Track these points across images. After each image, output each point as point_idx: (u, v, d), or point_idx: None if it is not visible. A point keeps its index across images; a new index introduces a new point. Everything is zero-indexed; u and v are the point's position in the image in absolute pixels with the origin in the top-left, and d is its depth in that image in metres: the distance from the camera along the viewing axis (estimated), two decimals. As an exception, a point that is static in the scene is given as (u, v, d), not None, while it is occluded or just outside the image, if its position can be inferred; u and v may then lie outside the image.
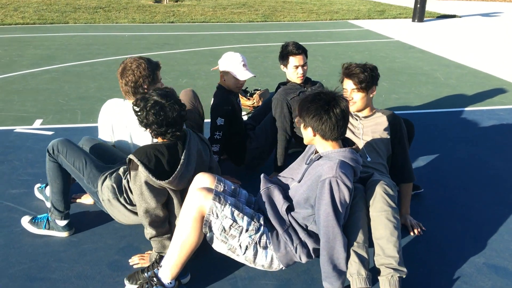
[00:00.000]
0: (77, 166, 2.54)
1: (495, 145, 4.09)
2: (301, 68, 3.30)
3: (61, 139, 2.61)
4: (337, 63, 7.31)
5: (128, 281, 2.30)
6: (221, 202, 2.10)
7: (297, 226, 2.18)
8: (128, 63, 2.63)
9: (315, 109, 2.09)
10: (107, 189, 2.47)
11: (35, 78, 6.13)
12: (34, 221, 2.73)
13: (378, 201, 2.19)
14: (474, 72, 6.77)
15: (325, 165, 2.06)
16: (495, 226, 2.85)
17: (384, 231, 2.16)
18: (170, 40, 9.11)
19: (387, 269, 2.14)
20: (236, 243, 2.14)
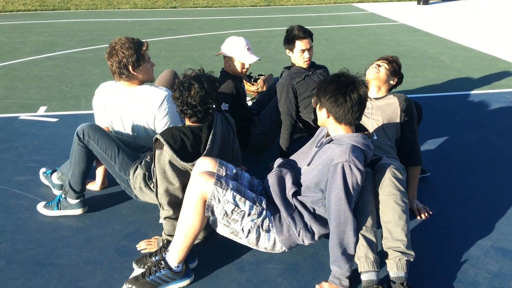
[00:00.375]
0: (109, 154, 2.59)
1: (502, 128, 4.05)
2: (308, 52, 3.26)
3: (90, 125, 2.64)
4: (342, 47, 7.23)
5: (136, 264, 2.33)
6: (223, 186, 2.10)
7: (303, 210, 2.18)
8: (113, 44, 2.64)
9: (332, 91, 2.07)
10: (139, 177, 2.54)
11: (38, 65, 6.11)
12: (48, 204, 2.79)
13: (386, 185, 2.18)
14: (481, 55, 6.69)
15: (337, 149, 2.05)
16: (502, 209, 2.84)
17: (392, 214, 2.16)
18: (172, 25, 9.03)
19: (395, 252, 2.14)
20: (238, 227, 2.14)
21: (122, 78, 2.67)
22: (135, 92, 2.70)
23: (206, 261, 2.39)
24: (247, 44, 3.18)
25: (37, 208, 2.82)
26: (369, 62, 6.31)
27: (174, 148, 2.28)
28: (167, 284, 2.18)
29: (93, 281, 2.23)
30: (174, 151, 2.28)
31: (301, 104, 3.29)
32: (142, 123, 2.71)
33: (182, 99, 2.32)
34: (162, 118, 2.68)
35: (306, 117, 3.31)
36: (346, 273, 2.11)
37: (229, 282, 2.24)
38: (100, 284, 2.21)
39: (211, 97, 2.35)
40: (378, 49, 7.09)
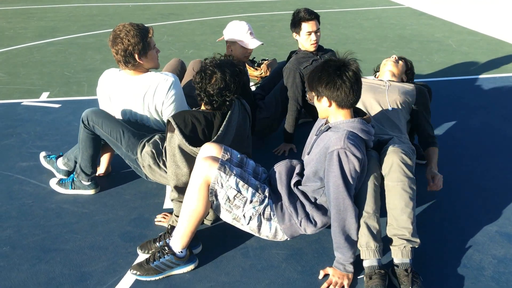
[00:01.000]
0: (114, 136, 2.59)
1: (508, 112, 4.01)
2: (314, 34, 3.21)
3: (94, 110, 2.64)
4: (346, 31, 7.15)
5: (140, 250, 2.33)
6: (227, 172, 2.09)
7: (305, 200, 2.17)
8: (117, 31, 2.56)
9: (327, 76, 2.04)
10: (147, 155, 2.53)
11: (40, 50, 6.07)
12: (62, 182, 2.85)
13: (394, 171, 2.14)
14: (487, 39, 6.60)
15: (333, 136, 2.02)
16: (508, 194, 2.82)
17: (399, 201, 2.12)
18: (175, 10, 8.94)
19: (399, 239, 2.13)
20: (240, 213, 2.14)
21: (128, 66, 2.62)
22: (141, 80, 2.64)
23: (210, 246, 2.39)
24: (250, 29, 3.14)
25: (50, 184, 2.88)
26: (375, 46, 6.24)
27: (184, 133, 2.28)
28: (171, 269, 2.18)
29: (98, 267, 2.24)
30: (183, 135, 2.28)
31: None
32: (150, 110, 2.67)
33: (201, 85, 2.31)
34: (169, 104, 2.65)
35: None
36: (349, 259, 2.10)
37: (233, 268, 2.24)
38: (105, 270, 2.22)
39: (230, 91, 2.32)
40: (383, 33, 7.01)
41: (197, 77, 2.33)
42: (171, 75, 2.66)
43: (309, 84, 2.14)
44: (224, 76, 2.30)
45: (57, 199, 2.78)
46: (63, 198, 2.80)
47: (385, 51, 5.98)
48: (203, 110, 2.40)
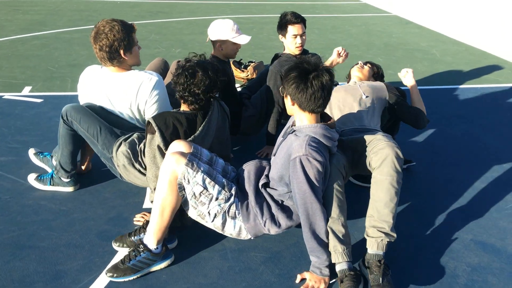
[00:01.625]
0: (91, 133, 2.56)
1: (489, 123, 4.09)
2: (300, 38, 3.23)
3: (74, 105, 2.61)
4: (334, 36, 7.20)
5: (115, 243, 2.33)
6: (194, 168, 2.09)
7: (271, 201, 2.20)
8: (100, 27, 2.52)
9: (294, 77, 2.07)
10: (122, 154, 2.50)
11: (25, 44, 5.98)
12: (40, 178, 2.80)
13: (386, 165, 2.17)
14: (471, 49, 6.72)
15: (295, 142, 2.05)
16: (484, 203, 2.87)
17: (385, 195, 2.16)
18: (164, 8, 8.90)
19: (378, 232, 2.16)
20: (205, 210, 2.15)
21: (113, 63, 2.58)
22: (124, 78, 2.61)
23: (188, 247, 2.38)
24: (236, 24, 3.16)
25: (27, 179, 2.84)
26: (361, 53, 6.30)
27: (164, 136, 2.27)
28: (148, 267, 2.17)
29: (73, 265, 2.21)
30: (163, 138, 2.27)
31: (290, 92, 3.28)
32: (132, 108, 2.64)
33: (185, 86, 2.29)
34: (152, 104, 2.62)
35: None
36: (325, 262, 2.12)
37: (211, 269, 2.23)
38: (80, 268, 2.19)
39: (216, 87, 2.32)
40: (370, 40, 7.08)
41: (180, 78, 2.32)
42: (155, 75, 2.64)
43: (281, 78, 2.18)
44: (207, 73, 2.30)
45: (35, 196, 2.75)
46: (41, 194, 2.76)
47: (371, 58, 6.05)
48: (185, 111, 2.39)
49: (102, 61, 2.60)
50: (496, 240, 2.52)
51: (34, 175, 2.83)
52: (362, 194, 2.88)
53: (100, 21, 2.56)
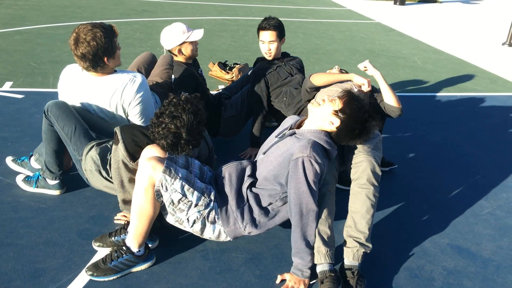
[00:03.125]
0: (66, 132, 2.47)
1: (467, 130, 4.19)
2: (268, 45, 3.26)
3: (57, 101, 2.52)
4: (318, 41, 7.27)
5: (95, 243, 2.31)
6: (172, 175, 2.04)
7: (255, 204, 2.18)
8: (81, 34, 2.38)
9: (355, 117, 2.13)
10: (91, 159, 2.41)
11: (6, 38, 5.88)
12: (27, 179, 2.74)
13: (362, 177, 2.23)
14: (451, 58, 6.86)
15: (297, 144, 2.07)
16: (461, 208, 2.94)
17: (361, 207, 2.21)
18: (149, 7, 8.85)
19: (354, 242, 2.20)
20: (184, 217, 2.12)
21: (97, 70, 2.49)
22: (107, 82, 2.54)
23: (169, 247, 2.38)
24: (185, 24, 3.19)
25: (16, 180, 2.78)
26: (344, 58, 6.38)
27: (127, 149, 2.20)
28: (129, 268, 2.16)
29: (52, 263, 2.19)
30: (127, 152, 2.20)
31: (272, 93, 3.31)
32: (118, 110, 2.60)
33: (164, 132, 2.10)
34: (135, 105, 2.58)
35: (277, 106, 3.33)
36: (308, 263, 2.14)
37: (192, 270, 2.24)
38: (59, 267, 2.17)
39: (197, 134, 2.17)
40: (353, 46, 7.17)
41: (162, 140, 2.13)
42: (139, 76, 2.60)
43: (344, 101, 2.16)
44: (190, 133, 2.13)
45: (14, 193, 2.70)
46: (20, 192, 2.72)
47: (355, 63, 6.13)
48: None
49: (84, 68, 2.50)
50: (471, 244, 2.59)
51: (22, 176, 2.77)
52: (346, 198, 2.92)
53: (80, 26, 2.43)
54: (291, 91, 3.24)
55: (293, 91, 3.24)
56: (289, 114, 3.26)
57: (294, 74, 3.33)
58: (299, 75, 3.33)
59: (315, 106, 2.21)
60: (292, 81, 3.28)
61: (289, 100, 3.24)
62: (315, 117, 2.21)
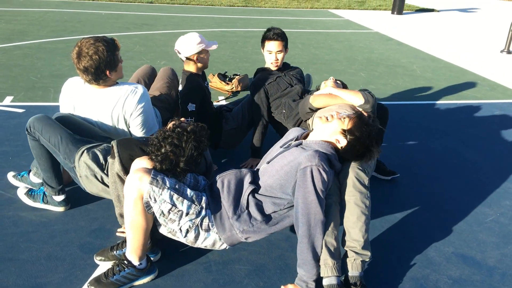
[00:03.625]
0: (53, 142, 2.43)
1: (467, 137, 4.19)
2: (274, 55, 3.29)
3: (37, 116, 2.50)
4: (317, 51, 7.31)
5: (97, 257, 2.29)
6: (159, 185, 2.01)
7: (256, 211, 2.15)
8: (84, 48, 2.40)
9: (365, 141, 2.15)
10: (84, 165, 2.37)
11: (6, 53, 5.91)
12: (31, 193, 2.70)
13: (348, 185, 2.21)
14: (450, 66, 6.89)
15: (305, 153, 2.06)
16: (464, 216, 2.92)
17: (352, 215, 2.18)
18: (148, 20, 8.92)
19: (351, 252, 2.18)
20: (176, 227, 2.09)
21: (99, 83, 2.51)
22: (109, 93, 2.56)
23: (172, 259, 2.36)
24: (200, 35, 3.20)
25: (17, 194, 2.75)
26: (343, 68, 6.40)
27: (123, 164, 2.18)
28: (131, 281, 2.14)
29: (54, 278, 2.17)
30: (122, 166, 2.18)
31: (272, 104, 3.32)
32: (119, 121, 2.60)
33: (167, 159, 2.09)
34: (137, 116, 2.59)
35: (278, 118, 3.33)
36: (313, 276, 2.11)
37: (195, 282, 2.21)
38: (61, 281, 2.15)
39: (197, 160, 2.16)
40: (352, 55, 7.20)
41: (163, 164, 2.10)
42: (140, 87, 2.62)
43: (354, 123, 2.17)
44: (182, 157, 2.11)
45: (15, 207, 2.69)
46: (21, 206, 2.71)
47: (354, 73, 6.15)
48: None
49: (86, 81, 2.51)
50: (476, 252, 2.57)
51: (23, 190, 2.73)
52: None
53: (82, 40, 2.44)
54: (290, 103, 3.25)
55: (291, 103, 3.25)
56: (289, 126, 3.26)
57: (293, 85, 3.34)
58: (299, 85, 3.34)
59: (323, 122, 2.22)
60: (292, 92, 3.29)
61: (288, 112, 3.25)
62: (322, 132, 2.22)
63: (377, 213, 2.88)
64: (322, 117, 2.24)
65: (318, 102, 2.88)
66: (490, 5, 16.59)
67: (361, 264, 2.17)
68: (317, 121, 2.24)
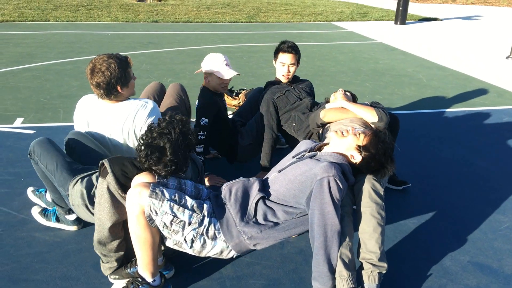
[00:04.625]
0: (49, 169, 2.45)
1: (477, 145, 4.16)
2: (287, 67, 3.32)
3: (38, 140, 2.52)
4: (321, 63, 7.35)
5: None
6: (159, 198, 2.01)
7: (264, 218, 2.13)
8: (97, 64, 2.49)
9: (380, 159, 2.18)
10: (77, 194, 2.35)
11: (16, 76, 6.00)
12: (44, 212, 2.74)
13: (364, 196, 2.20)
14: (456, 74, 6.89)
15: (321, 164, 2.06)
16: (478, 224, 2.89)
17: (368, 226, 2.17)
18: (154, 39, 9.03)
19: (367, 264, 2.16)
20: (180, 238, 2.08)
21: (110, 98, 2.57)
22: (120, 108, 2.61)
23: (185, 275, 2.35)
24: (226, 60, 3.21)
25: (31, 213, 2.78)
26: (349, 79, 6.41)
27: (118, 181, 2.13)
28: (146, 299, 2.13)
29: (69, 298, 2.17)
30: (118, 183, 2.13)
31: (282, 118, 3.33)
32: (130, 136, 2.64)
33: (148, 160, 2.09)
34: None
35: (288, 130, 3.35)
36: None
37: (210, 298, 2.20)
38: (77, 301, 2.15)
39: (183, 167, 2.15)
40: (357, 66, 7.23)
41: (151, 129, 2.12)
42: (151, 102, 2.67)
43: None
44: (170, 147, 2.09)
45: (29, 228, 2.71)
46: (34, 226, 2.72)
47: (359, 83, 6.16)
48: None
49: (98, 96, 2.59)
50: (493, 261, 2.54)
51: (37, 209, 2.77)
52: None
53: (96, 57, 2.54)
54: (299, 116, 3.26)
55: (301, 116, 3.26)
56: (300, 138, 3.27)
57: (302, 98, 3.35)
58: (308, 98, 3.35)
59: (339, 136, 2.23)
60: (301, 105, 3.31)
61: (298, 125, 3.27)
62: (337, 146, 2.23)
63: (390, 223, 2.85)
64: (338, 132, 2.25)
65: (329, 117, 2.89)
66: (493, 12, 16.62)
67: (378, 276, 2.15)
68: (333, 135, 2.25)
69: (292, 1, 17.33)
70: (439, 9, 17.10)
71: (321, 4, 16.91)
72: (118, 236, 2.23)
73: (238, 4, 15.52)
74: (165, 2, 15.18)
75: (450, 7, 17.88)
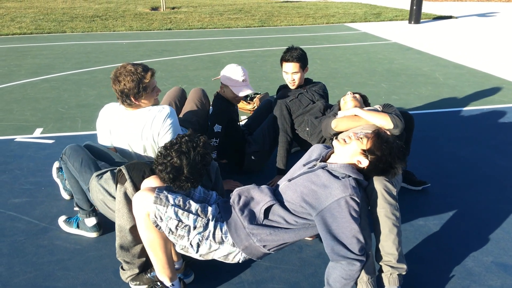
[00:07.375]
0: (75, 166, 2.56)
1: (498, 143, 4.08)
2: (291, 75, 3.32)
3: (72, 145, 2.65)
4: (336, 65, 7.32)
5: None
6: (163, 203, 2.02)
7: (273, 222, 2.11)
8: (117, 73, 2.58)
9: (387, 159, 2.13)
10: (96, 189, 2.44)
11: (34, 87, 6.12)
12: (68, 220, 2.83)
13: (377, 198, 2.17)
14: (473, 72, 6.78)
15: (336, 183, 2.02)
16: (501, 224, 2.83)
17: (383, 228, 2.14)
18: (168, 46, 9.12)
19: (386, 266, 2.14)
20: (186, 243, 2.07)
21: (125, 104, 2.66)
22: (139, 115, 2.66)
23: (203, 280, 2.35)
24: (245, 75, 3.21)
25: (58, 221, 2.88)
26: (364, 80, 6.37)
27: (136, 187, 2.17)
28: (166, 304, 2.14)
29: (91, 304, 2.19)
30: (136, 189, 2.16)
31: (295, 121, 3.33)
32: (149, 142, 2.67)
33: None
34: (165, 133, 2.65)
35: (301, 134, 3.34)
36: None
37: (230, 303, 2.20)
38: (98, 307, 2.17)
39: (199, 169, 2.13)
40: (372, 67, 7.18)
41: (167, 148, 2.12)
42: (167, 107, 2.69)
43: (373, 142, 2.15)
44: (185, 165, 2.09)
45: (50, 236, 2.75)
46: (55, 234, 2.77)
47: (374, 84, 6.12)
48: None
49: (121, 103, 2.67)
50: (517, 261, 2.48)
51: (63, 217, 2.86)
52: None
53: (120, 66, 2.62)
54: (312, 121, 3.25)
55: (314, 121, 3.25)
56: (313, 142, 3.26)
57: (315, 101, 3.34)
58: (321, 101, 3.34)
59: (341, 144, 2.20)
60: (314, 109, 3.30)
61: (311, 130, 3.26)
62: (342, 155, 2.19)
63: (410, 225, 2.82)
64: (340, 140, 2.22)
65: (341, 126, 2.84)
66: (509, 9, 16.35)
67: (398, 278, 2.12)
68: (336, 145, 2.21)
69: (304, 4, 17.32)
70: (454, 7, 16.89)
71: (334, 6, 16.85)
72: (141, 240, 2.25)
73: (250, 9, 15.58)
74: (178, 10, 15.32)
75: (465, 5, 17.64)
